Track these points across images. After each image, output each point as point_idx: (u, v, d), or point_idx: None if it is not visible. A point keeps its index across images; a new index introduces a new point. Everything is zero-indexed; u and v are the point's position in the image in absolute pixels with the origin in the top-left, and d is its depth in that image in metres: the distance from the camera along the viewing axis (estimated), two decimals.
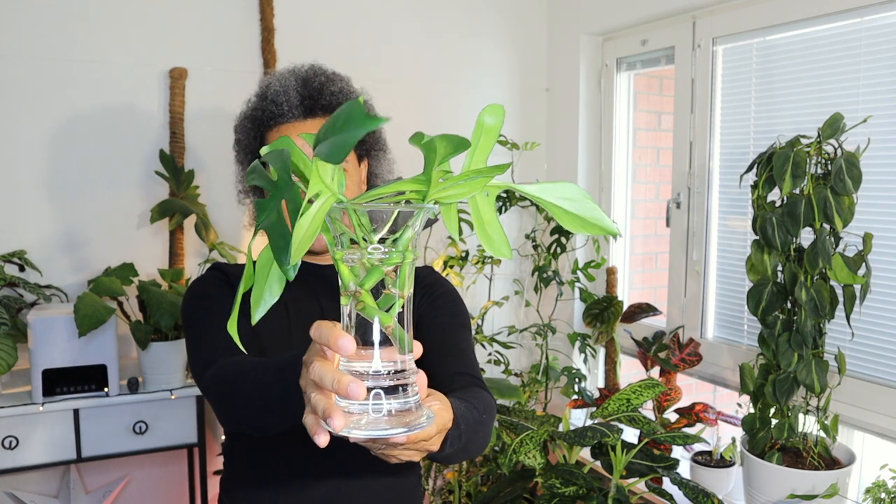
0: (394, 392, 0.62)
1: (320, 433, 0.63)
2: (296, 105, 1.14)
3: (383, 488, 1.16)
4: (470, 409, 0.89)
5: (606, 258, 2.48)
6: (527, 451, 1.70)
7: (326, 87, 1.15)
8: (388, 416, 0.60)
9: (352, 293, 0.61)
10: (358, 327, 0.62)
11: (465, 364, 1.10)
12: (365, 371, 0.62)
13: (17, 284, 1.82)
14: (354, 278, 0.61)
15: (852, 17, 1.72)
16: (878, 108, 1.66)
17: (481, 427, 0.91)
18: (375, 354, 0.62)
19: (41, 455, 1.75)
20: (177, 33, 2.10)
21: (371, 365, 0.62)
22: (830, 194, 1.52)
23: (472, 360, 1.13)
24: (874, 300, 1.67)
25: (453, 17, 2.50)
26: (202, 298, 1.14)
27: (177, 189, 2.06)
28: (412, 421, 0.61)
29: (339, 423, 0.59)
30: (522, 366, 2.66)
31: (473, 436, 0.88)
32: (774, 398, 1.61)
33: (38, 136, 1.97)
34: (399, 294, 0.62)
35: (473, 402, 0.94)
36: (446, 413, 0.75)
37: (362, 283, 0.61)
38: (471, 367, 1.11)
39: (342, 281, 0.62)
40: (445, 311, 1.18)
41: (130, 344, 2.07)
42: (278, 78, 1.17)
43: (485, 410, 0.95)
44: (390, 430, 0.60)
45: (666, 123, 2.65)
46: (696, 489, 1.57)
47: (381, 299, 0.62)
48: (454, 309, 1.19)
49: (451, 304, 1.20)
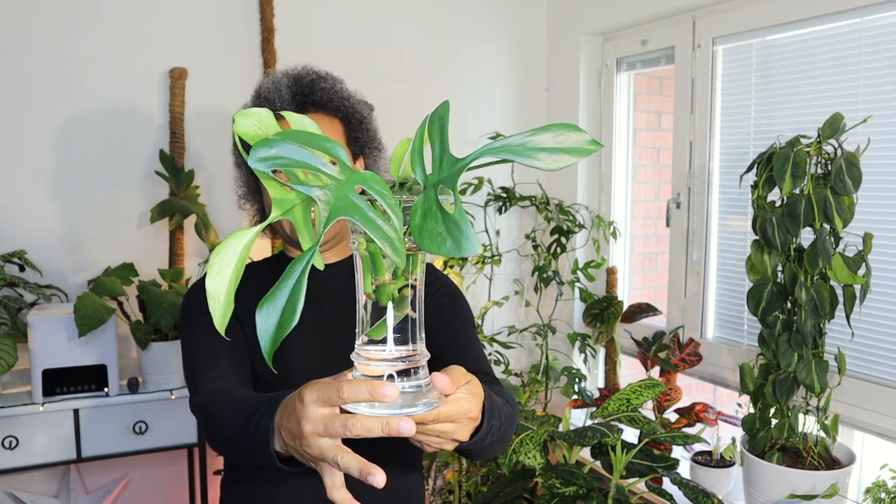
0: (406, 375, 0.65)
1: (375, 472, 0.67)
2: (287, 100, 1.14)
3: (385, 487, 1.16)
4: (505, 403, 0.91)
5: (606, 258, 2.48)
6: (527, 451, 1.70)
7: (317, 83, 1.17)
8: (402, 395, 0.64)
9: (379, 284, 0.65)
10: (374, 317, 0.65)
11: (480, 363, 1.11)
12: (380, 356, 0.65)
13: (17, 284, 1.82)
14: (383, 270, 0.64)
15: (852, 17, 1.72)
16: (878, 108, 1.66)
17: (514, 421, 0.94)
18: (389, 339, 0.66)
19: (41, 455, 1.75)
20: (177, 33, 2.10)
21: (385, 349, 0.65)
22: (830, 194, 1.52)
23: (485, 358, 1.14)
24: (874, 300, 1.67)
25: (453, 17, 2.50)
26: (193, 311, 1.14)
27: (177, 189, 2.07)
28: (426, 401, 0.65)
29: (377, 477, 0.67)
30: (522, 366, 2.66)
31: (508, 429, 0.90)
32: (774, 398, 1.61)
33: (38, 136, 1.97)
34: (413, 280, 0.66)
35: (505, 396, 0.96)
36: (466, 403, 0.75)
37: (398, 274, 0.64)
38: (485, 365, 1.12)
39: (376, 270, 0.64)
40: (451, 310, 1.18)
41: (130, 344, 2.07)
42: (271, 78, 1.19)
43: (514, 406, 0.97)
44: (406, 408, 0.64)
45: (666, 123, 2.65)
46: (696, 489, 1.57)
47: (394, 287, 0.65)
48: (459, 307, 1.20)
49: (455, 302, 1.20)
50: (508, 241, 2.63)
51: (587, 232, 2.52)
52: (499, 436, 0.86)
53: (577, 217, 2.45)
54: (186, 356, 1.12)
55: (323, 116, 1.16)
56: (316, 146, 0.58)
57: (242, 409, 0.87)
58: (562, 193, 2.56)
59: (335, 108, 1.17)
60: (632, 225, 2.60)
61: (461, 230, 0.56)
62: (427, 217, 0.57)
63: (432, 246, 0.56)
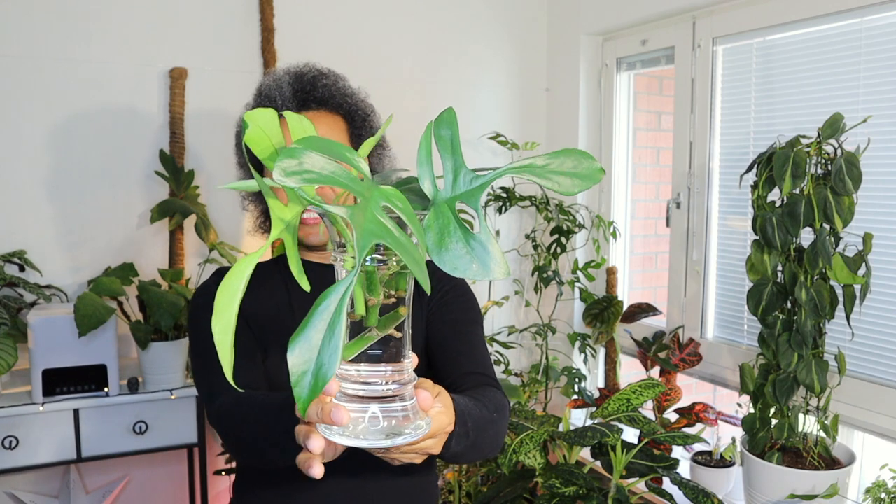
0: (388, 400, 0.61)
1: (312, 466, 0.63)
2: (289, 97, 1.12)
3: (398, 488, 1.14)
4: (479, 407, 0.89)
5: (606, 258, 2.48)
6: (527, 451, 1.70)
7: (319, 80, 1.15)
8: (380, 424, 0.60)
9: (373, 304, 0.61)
10: (350, 334, 0.62)
11: (478, 362, 1.09)
12: (357, 381, 0.61)
13: (17, 284, 1.82)
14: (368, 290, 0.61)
15: (852, 17, 1.72)
16: (878, 108, 1.66)
17: (491, 425, 0.91)
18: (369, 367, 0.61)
19: (41, 455, 1.75)
20: (177, 33, 2.10)
21: (365, 377, 0.61)
22: (830, 194, 1.52)
23: (485, 357, 1.12)
24: (874, 300, 1.67)
25: (453, 17, 2.50)
26: (203, 313, 1.11)
27: (177, 189, 2.07)
28: (404, 430, 0.61)
29: (315, 444, 0.60)
30: (522, 366, 2.66)
31: (482, 434, 0.88)
32: (774, 398, 1.61)
33: (38, 136, 1.97)
34: (401, 297, 0.62)
35: (484, 400, 0.93)
36: (445, 417, 0.75)
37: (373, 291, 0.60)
38: (483, 365, 1.10)
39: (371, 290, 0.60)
40: (456, 308, 1.16)
41: (130, 344, 2.07)
42: (272, 76, 1.17)
43: (496, 409, 0.94)
44: (380, 440, 0.59)
45: (666, 123, 2.65)
46: (696, 489, 1.56)
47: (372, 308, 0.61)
48: (465, 304, 1.17)
49: (462, 299, 1.18)
50: (508, 241, 2.63)
51: (587, 232, 2.52)
52: (469, 443, 0.84)
53: (577, 217, 2.45)
54: (197, 360, 1.09)
55: (325, 113, 1.14)
56: (338, 156, 0.55)
57: (263, 417, 0.86)
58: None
59: (337, 104, 1.15)
60: (632, 225, 2.60)
61: (488, 252, 0.53)
62: (445, 236, 0.54)
63: (456, 268, 0.53)
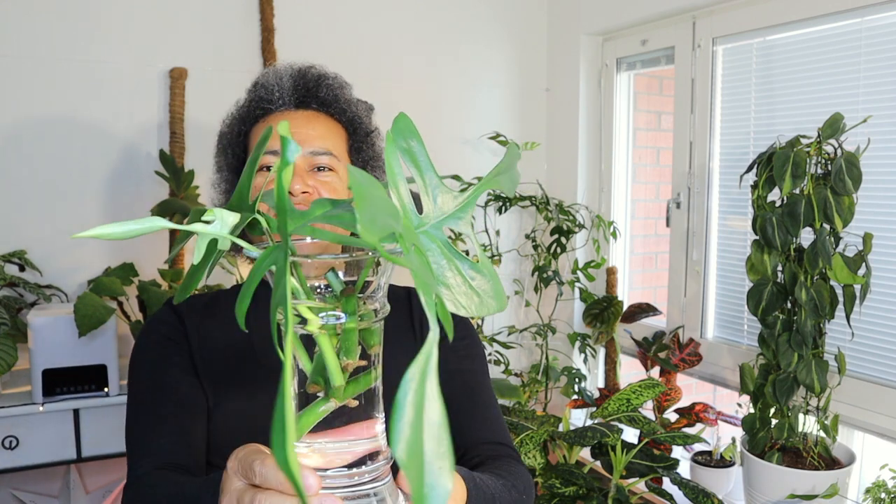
0: (352, 487, 0.52)
1: None
2: (289, 92, 1.02)
3: None
4: (508, 489, 0.80)
5: (606, 258, 2.48)
6: (527, 451, 1.70)
7: (323, 80, 1.06)
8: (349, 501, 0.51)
9: (349, 367, 0.52)
10: (303, 406, 0.52)
11: (496, 430, 0.98)
12: (316, 450, 0.52)
13: (17, 284, 1.82)
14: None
15: (852, 17, 1.72)
16: (878, 108, 1.66)
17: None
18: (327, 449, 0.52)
19: (41, 455, 1.75)
20: (177, 33, 2.10)
21: (319, 443, 0.52)
22: (830, 194, 1.52)
23: (501, 421, 1.00)
24: (874, 300, 1.67)
25: (453, 17, 2.50)
26: (143, 356, 0.99)
27: (177, 189, 2.07)
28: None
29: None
30: (522, 366, 2.66)
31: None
32: (774, 398, 1.61)
33: (38, 136, 1.97)
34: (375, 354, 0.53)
35: (511, 479, 0.84)
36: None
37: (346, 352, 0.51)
38: (502, 432, 0.99)
39: (347, 352, 0.51)
40: (464, 355, 1.02)
41: (130, 344, 2.07)
42: (272, 68, 1.08)
43: (524, 490, 0.86)
44: None
45: (666, 123, 2.65)
46: (696, 489, 1.57)
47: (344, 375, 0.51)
48: (472, 350, 1.03)
49: (466, 341, 1.04)
50: (508, 241, 2.63)
51: (587, 232, 2.52)
52: None
53: (577, 217, 2.45)
54: (130, 407, 0.96)
55: (326, 118, 1.05)
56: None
57: (185, 495, 0.75)
58: (562, 193, 2.56)
59: (340, 110, 1.05)
60: (632, 225, 2.60)
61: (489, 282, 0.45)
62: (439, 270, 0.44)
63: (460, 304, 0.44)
